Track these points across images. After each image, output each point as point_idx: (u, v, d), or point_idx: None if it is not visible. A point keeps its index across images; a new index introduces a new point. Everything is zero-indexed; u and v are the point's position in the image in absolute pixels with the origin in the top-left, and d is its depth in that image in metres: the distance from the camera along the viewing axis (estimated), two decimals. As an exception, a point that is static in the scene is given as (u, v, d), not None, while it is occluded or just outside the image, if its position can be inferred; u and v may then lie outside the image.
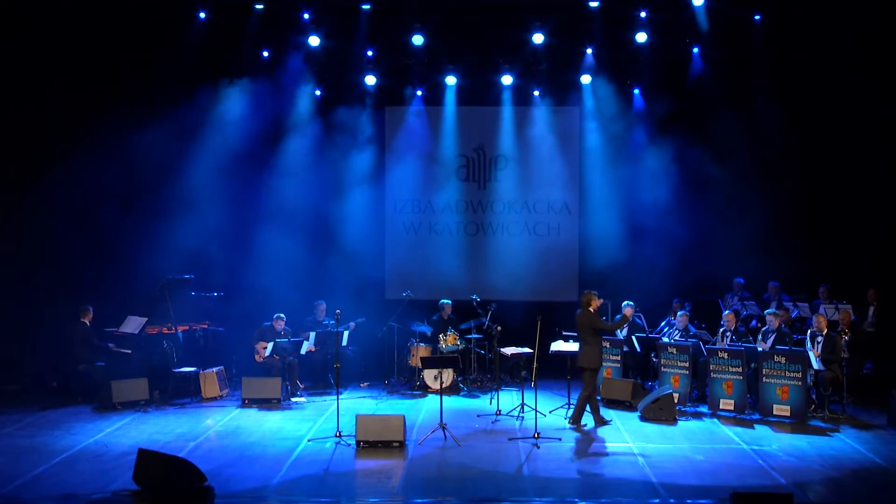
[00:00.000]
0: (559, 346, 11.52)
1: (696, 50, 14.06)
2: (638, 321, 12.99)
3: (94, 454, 9.43)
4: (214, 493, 7.62)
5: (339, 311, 10.74)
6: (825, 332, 11.28)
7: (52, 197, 13.15)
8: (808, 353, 10.85)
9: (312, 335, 12.70)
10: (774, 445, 9.85)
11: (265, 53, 14.18)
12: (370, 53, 14.25)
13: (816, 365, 10.81)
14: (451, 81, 14.76)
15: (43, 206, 13.11)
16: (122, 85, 13.30)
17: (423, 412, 11.55)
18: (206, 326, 13.17)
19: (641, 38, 13.58)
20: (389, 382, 13.37)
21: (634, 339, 12.44)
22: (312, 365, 13.12)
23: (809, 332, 11.52)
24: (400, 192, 15.33)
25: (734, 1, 13.12)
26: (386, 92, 14.94)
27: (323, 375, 13.16)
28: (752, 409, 11.18)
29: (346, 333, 12.81)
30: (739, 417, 11.00)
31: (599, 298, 10.82)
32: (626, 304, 12.58)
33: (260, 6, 13.44)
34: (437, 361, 11.78)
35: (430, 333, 13.22)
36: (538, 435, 10.04)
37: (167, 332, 12.48)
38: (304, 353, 12.56)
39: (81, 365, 12.04)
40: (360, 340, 13.55)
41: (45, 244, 13.20)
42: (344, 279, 14.16)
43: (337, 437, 9.97)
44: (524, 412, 11.18)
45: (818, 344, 11.24)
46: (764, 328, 11.68)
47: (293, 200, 14.29)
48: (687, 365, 11.57)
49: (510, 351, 11.82)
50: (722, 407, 11.17)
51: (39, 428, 10.60)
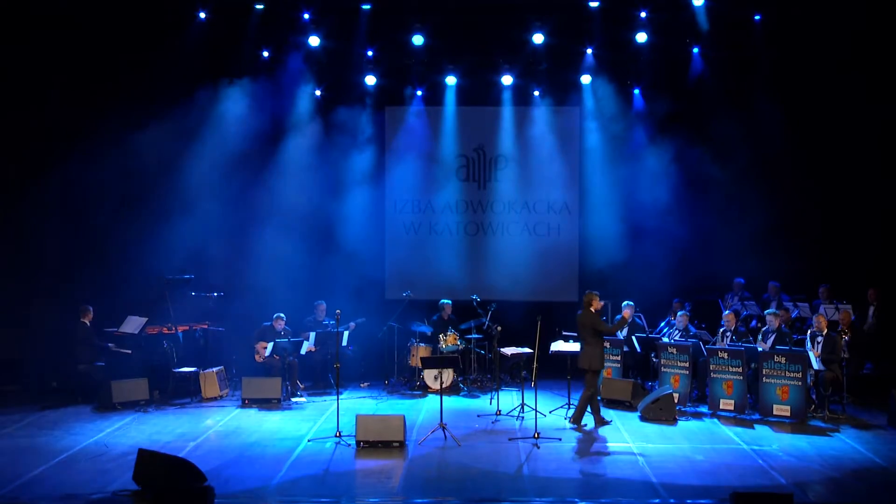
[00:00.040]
0: (559, 346, 11.52)
1: (696, 50, 14.07)
2: (638, 321, 12.99)
3: (94, 454, 9.43)
4: (214, 493, 7.61)
5: (339, 311, 10.74)
6: (825, 332, 11.28)
7: (52, 196, 13.19)
8: (808, 353, 10.85)
9: (312, 335, 12.70)
10: (774, 445, 9.84)
11: (265, 53, 14.18)
12: (370, 53, 14.25)
13: (816, 365, 10.81)
14: (451, 81, 14.76)
15: (43, 205, 13.13)
16: (122, 85, 13.32)
17: (423, 412, 11.55)
18: (206, 326, 13.16)
19: (641, 38, 13.59)
20: (389, 382, 13.37)
21: (634, 339, 12.43)
22: (312, 365, 13.12)
23: (809, 332, 11.52)
24: (400, 192, 15.33)
25: (734, 1, 13.14)
26: (386, 92, 14.94)
27: (323, 375, 13.16)
28: (752, 409, 11.18)
29: (346, 333, 12.81)
30: (739, 417, 11.00)
31: (601, 301, 10.82)
32: (625, 304, 12.60)
33: (260, 6, 13.45)
34: (437, 361, 11.78)
35: (430, 333, 13.22)
36: (538, 435, 10.04)
37: (167, 332, 12.48)
38: (304, 353, 12.55)
39: (81, 365, 12.04)
40: (360, 340, 13.54)
41: (45, 244, 13.22)
42: (344, 279, 14.15)
43: (337, 437, 9.96)
44: (524, 412, 11.18)
45: (818, 344, 11.25)
46: (764, 328, 11.67)
47: (293, 200, 14.27)
48: (687, 365, 11.57)
49: (510, 351, 11.81)
50: (722, 407, 11.17)
51: (39, 428, 10.59)
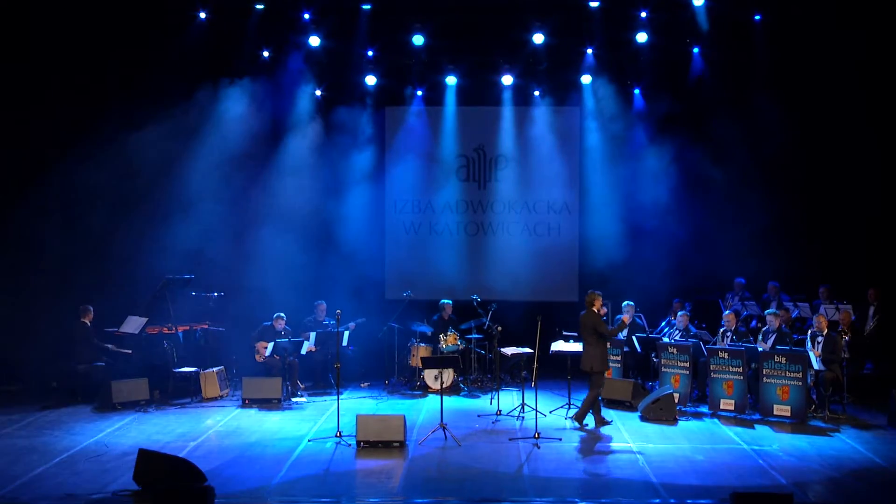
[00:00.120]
0: (559, 346, 11.52)
1: (696, 50, 14.07)
2: (638, 321, 12.99)
3: (94, 454, 9.42)
4: (214, 493, 7.60)
5: (339, 311, 10.74)
6: (825, 332, 11.28)
7: (52, 196, 13.19)
8: (808, 353, 10.85)
9: (313, 335, 12.69)
10: (775, 445, 9.84)
11: (265, 53, 14.19)
12: (370, 53, 14.26)
13: (817, 365, 10.81)
14: (451, 81, 14.77)
15: (43, 205, 13.12)
16: (121, 85, 13.32)
17: (423, 412, 11.54)
18: (206, 326, 13.16)
19: (641, 38, 13.60)
20: (390, 382, 13.36)
21: (635, 339, 12.43)
22: (313, 365, 13.12)
23: (810, 332, 11.52)
24: (400, 192, 15.34)
25: (734, 1, 13.14)
26: (386, 92, 14.95)
27: (323, 375, 13.16)
28: (752, 409, 11.18)
29: (346, 333, 12.80)
30: (740, 417, 10.99)
31: (603, 304, 10.81)
32: (626, 304, 12.59)
33: (260, 6, 13.45)
34: (437, 361, 11.78)
35: (430, 333, 13.21)
36: (538, 435, 10.03)
37: (167, 332, 12.47)
38: (304, 353, 12.55)
39: (81, 365, 12.03)
40: (360, 340, 13.53)
41: (45, 243, 13.19)
42: (344, 279, 14.16)
43: (337, 437, 9.96)
44: (524, 412, 11.18)
45: (818, 344, 11.25)
46: (764, 328, 11.67)
47: (293, 200, 14.26)
48: (687, 365, 11.57)
49: (510, 351, 11.81)
50: (722, 407, 11.17)
51: (39, 428, 10.59)
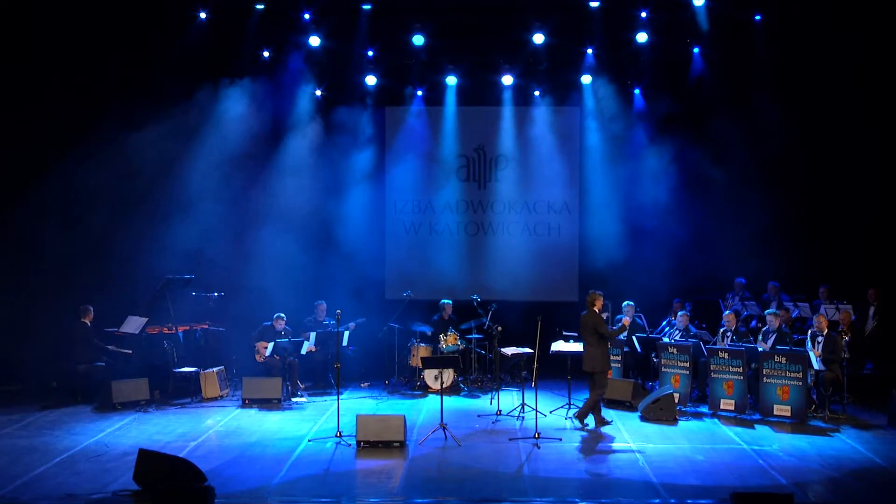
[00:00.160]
0: (560, 346, 11.51)
1: (696, 50, 14.07)
2: (638, 321, 13.00)
3: (94, 454, 9.42)
4: (214, 493, 7.60)
5: (339, 311, 10.74)
6: (825, 332, 11.28)
7: (52, 196, 13.18)
8: (808, 353, 10.85)
9: (313, 335, 12.69)
10: (775, 445, 9.84)
11: (265, 53, 14.18)
12: (370, 53, 14.26)
13: (817, 365, 10.81)
14: (451, 81, 14.77)
15: (43, 205, 13.11)
16: (121, 85, 13.31)
17: (423, 412, 11.54)
18: (206, 326, 13.16)
19: (641, 38, 13.60)
20: (390, 382, 13.36)
21: (635, 339, 12.43)
22: (313, 365, 13.12)
23: (810, 332, 11.52)
24: (400, 192, 15.33)
25: (734, 1, 13.14)
26: (386, 92, 14.95)
27: (323, 375, 13.16)
28: (752, 409, 11.17)
29: (346, 333, 12.80)
30: (740, 417, 10.99)
31: (604, 305, 10.81)
32: (626, 304, 12.59)
33: (260, 6, 13.45)
34: (437, 361, 11.78)
35: (430, 333, 13.21)
36: (538, 435, 10.03)
37: (167, 332, 12.47)
38: (304, 353, 12.55)
39: (81, 365, 12.03)
40: (360, 340, 13.52)
41: (45, 243, 13.20)
42: (344, 279, 14.15)
43: (337, 437, 9.96)
44: (524, 412, 11.18)
45: (818, 344, 11.24)
46: (764, 328, 11.67)
47: (293, 200, 14.26)
48: (687, 365, 11.57)
49: (510, 351, 11.82)
50: (722, 407, 11.17)
51: (39, 428, 10.59)
